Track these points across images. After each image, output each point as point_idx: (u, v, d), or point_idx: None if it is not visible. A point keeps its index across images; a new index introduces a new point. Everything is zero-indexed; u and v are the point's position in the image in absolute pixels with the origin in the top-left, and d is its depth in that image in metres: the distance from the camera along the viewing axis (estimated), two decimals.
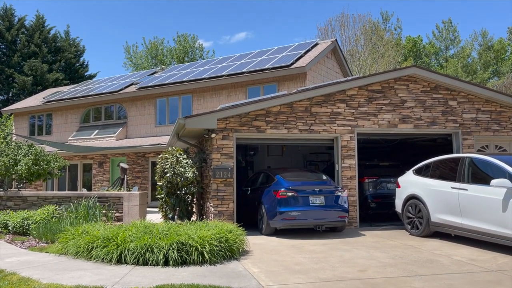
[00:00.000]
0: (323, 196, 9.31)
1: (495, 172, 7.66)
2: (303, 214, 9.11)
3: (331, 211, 9.31)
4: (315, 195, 9.27)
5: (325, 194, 9.35)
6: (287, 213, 9.08)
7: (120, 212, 11.40)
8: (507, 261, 6.87)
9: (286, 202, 9.13)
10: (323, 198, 9.30)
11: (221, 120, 10.10)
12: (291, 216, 9.08)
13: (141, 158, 19.60)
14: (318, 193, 9.29)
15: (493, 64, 40.05)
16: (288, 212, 9.08)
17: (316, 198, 9.26)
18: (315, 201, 9.24)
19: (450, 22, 43.11)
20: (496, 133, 11.50)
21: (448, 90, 11.32)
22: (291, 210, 9.09)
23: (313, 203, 9.21)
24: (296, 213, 9.09)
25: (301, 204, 9.16)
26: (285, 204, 9.12)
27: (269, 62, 17.72)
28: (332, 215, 9.33)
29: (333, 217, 9.34)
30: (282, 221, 9.16)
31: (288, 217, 9.09)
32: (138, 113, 21.23)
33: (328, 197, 9.34)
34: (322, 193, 9.32)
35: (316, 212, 9.19)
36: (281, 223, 9.21)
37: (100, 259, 6.84)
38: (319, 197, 9.28)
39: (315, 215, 9.21)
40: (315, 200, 9.25)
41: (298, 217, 9.09)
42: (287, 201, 9.14)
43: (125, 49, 44.08)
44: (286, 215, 9.10)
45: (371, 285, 5.57)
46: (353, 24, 31.21)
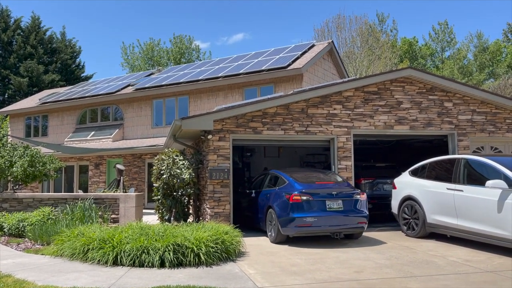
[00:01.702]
0: (341, 200, 8.44)
1: (490, 173, 7.70)
2: (319, 220, 8.24)
3: (350, 217, 8.44)
4: (332, 199, 8.40)
5: (343, 197, 8.49)
6: (301, 219, 8.20)
7: (117, 214, 11.37)
8: (503, 261, 6.90)
9: (300, 207, 8.25)
10: (341, 202, 8.43)
11: (218, 121, 10.10)
12: (306, 222, 8.21)
13: (137, 159, 19.56)
14: (336, 196, 8.45)
15: (489, 66, 40.24)
16: (303, 218, 8.20)
17: (334, 202, 8.40)
18: (332, 205, 8.37)
19: (446, 23, 43.32)
20: (491, 135, 11.55)
21: (443, 92, 11.37)
22: (306, 216, 8.20)
23: (330, 208, 8.35)
24: (312, 219, 8.21)
25: (317, 209, 8.29)
26: (299, 209, 8.24)
27: (265, 64, 17.74)
28: (351, 221, 8.46)
29: (352, 223, 8.47)
30: (296, 228, 8.27)
31: (303, 223, 8.22)
32: (134, 114, 21.20)
33: (346, 201, 8.47)
34: (340, 196, 8.48)
35: (333, 218, 8.32)
36: (294, 230, 8.33)
37: (96, 261, 6.83)
38: (336, 201, 8.42)
39: (333, 221, 8.34)
40: (332, 204, 8.38)
41: (314, 224, 8.23)
42: (301, 206, 8.26)
43: (122, 49, 44.08)
44: (300, 222, 8.22)
45: (367, 286, 5.58)
46: (350, 26, 31.32)
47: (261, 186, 10.09)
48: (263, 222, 9.45)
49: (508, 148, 11.82)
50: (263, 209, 9.38)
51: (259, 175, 10.89)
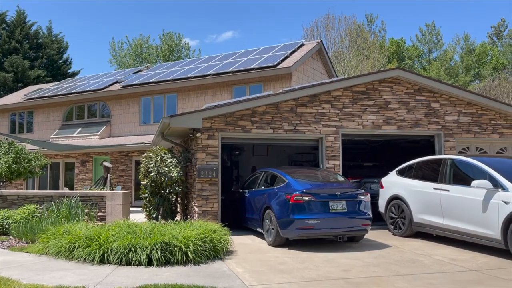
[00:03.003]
0: (345, 201, 8.01)
1: (476, 173, 7.80)
2: (322, 222, 7.78)
3: (354, 219, 8.04)
4: (335, 200, 7.95)
5: (347, 198, 8.06)
6: (303, 221, 7.73)
7: (103, 212, 11.26)
8: (487, 260, 7.00)
9: (301, 208, 7.79)
10: (345, 203, 7.99)
11: (207, 120, 10.06)
12: (308, 224, 7.74)
13: (124, 157, 19.39)
14: (339, 197, 8.00)
15: (475, 68, 40.81)
16: (305, 220, 7.72)
17: (337, 203, 7.95)
18: (335, 206, 7.92)
19: (433, 25, 43.80)
20: (477, 135, 11.71)
21: (431, 92, 11.49)
22: (309, 218, 7.73)
23: (333, 209, 7.89)
24: (314, 221, 7.74)
25: (319, 211, 7.83)
26: (301, 210, 7.78)
27: (255, 62, 17.73)
28: (355, 223, 8.06)
29: (356, 225, 8.07)
30: (297, 230, 7.81)
31: (305, 226, 7.75)
32: (122, 111, 21.02)
33: (350, 202, 8.05)
34: (344, 197, 8.04)
35: (337, 219, 7.90)
36: (296, 233, 7.88)
37: (82, 259, 6.74)
38: (340, 202, 7.97)
39: (336, 224, 7.90)
40: (335, 205, 7.93)
41: (317, 226, 7.76)
42: (303, 207, 7.79)
43: (111, 46, 43.62)
44: (302, 224, 7.74)
45: (355, 285, 5.61)
46: (339, 26, 31.46)
47: (256, 185, 9.71)
48: (258, 223, 9.04)
49: (493, 149, 12.00)
50: (260, 210, 8.93)
51: (254, 174, 10.46)
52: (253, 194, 9.63)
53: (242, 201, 10.13)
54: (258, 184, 9.63)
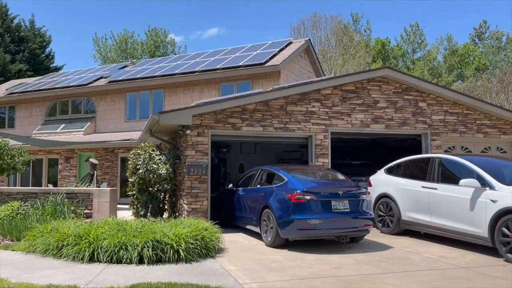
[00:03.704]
0: (347, 200, 7.77)
1: (463, 172, 7.93)
2: (324, 222, 7.51)
3: (357, 219, 7.81)
4: (338, 199, 7.70)
5: (349, 197, 7.82)
6: (305, 221, 7.44)
7: (90, 209, 11.09)
8: (475, 258, 7.13)
9: (303, 207, 7.50)
10: (347, 202, 7.75)
11: (197, 117, 10.00)
12: (310, 225, 7.45)
13: (110, 153, 19.15)
14: (342, 196, 7.76)
15: (458, 68, 41.51)
16: (307, 220, 7.44)
17: (340, 203, 7.70)
18: (338, 206, 7.67)
19: (417, 25, 44.39)
20: (462, 135, 11.90)
21: (418, 92, 11.63)
22: (311, 218, 7.45)
23: (335, 208, 7.64)
24: (317, 221, 7.46)
25: (321, 210, 7.57)
26: (303, 210, 7.50)
27: (243, 59, 17.68)
28: (357, 223, 7.82)
29: (358, 225, 7.84)
30: (298, 231, 7.51)
31: (307, 226, 7.46)
32: (107, 107, 20.73)
33: (352, 201, 7.82)
34: (346, 196, 7.80)
35: (339, 219, 7.65)
36: (297, 234, 7.58)
37: (71, 257, 6.64)
38: (342, 201, 7.73)
39: (339, 224, 7.66)
40: (338, 205, 7.68)
41: (319, 227, 7.49)
42: (304, 207, 7.51)
43: (94, 41, 42.94)
44: (304, 224, 7.45)
45: (347, 282, 5.65)
46: (325, 24, 31.60)
47: (252, 183, 9.41)
48: (255, 222, 8.73)
49: (478, 148, 12.23)
50: (257, 209, 8.58)
51: (249, 172, 10.11)
52: (249, 192, 9.34)
53: (235, 199, 9.89)
54: (254, 182, 9.35)
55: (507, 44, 41.18)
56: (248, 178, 9.85)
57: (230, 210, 10.10)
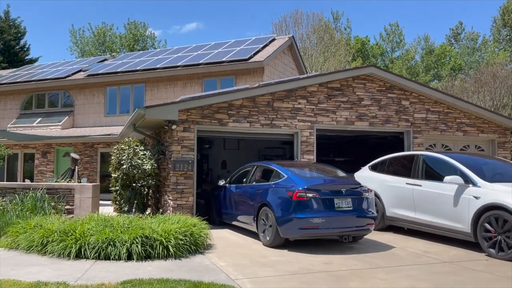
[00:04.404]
0: (350, 198, 7.47)
1: (447, 170, 8.11)
2: (327, 221, 7.20)
3: (360, 218, 7.52)
4: (341, 197, 7.41)
5: (353, 195, 7.52)
6: (307, 220, 7.12)
7: (71, 205, 10.86)
8: (457, 252, 7.32)
9: (305, 205, 7.18)
10: (350, 200, 7.46)
11: (183, 112, 9.90)
12: (313, 224, 7.14)
13: (89, 148, 18.77)
14: (345, 194, 7.46)
15: (434, 68, 42.39)
16: (309, 219, 7.12)
17: (343, 201, 7.40)
18: (341, 204, 7.37)
19: (397, 25, 45.10)
20: (443, 133, 12.17)
21: (402, 90, 11.82)
22: (313, 217, 7.13)
23: (339, 207, 7.34)
24: (319, 220, 7.15)
25: (324, 209, 7.26)
26: (305, 208, 7.17)
27: (226, 55, 17.59)
28: (361, 222, 7.53)
29: (361, 224, 7.54)
30: (300, 230, 7.19)
31: (309, 225, 7.14)
32: (86, 101, 20.31)
33: (355, 199, 7.53)
34: (349, 194, 7.50)
35: (342, 218, 7.36)
36: (298, 233, 7.26)
37: (57, 254, 6.51)
38: (345, 199, 7.43)
39: (342, 223, 7.37)
40: (341, 203, 7.38)
41: (322, 226, 7.18)
42: (306, 205, 7.19)
43: (71, 33, 41.93)
44: (306, 223, 7.13)
45: (338, 277, 5.72)
46: (307, 22, 31.74)
47: (248, 180, 9.01)
48: (250, 221, 8.38)
49: (457, 146, 12.53)
50: (253, 207, 8.21)
51: (243, 168, 9.70)
52: (244, 189, 8.94)
53: (227, 196, 9.57)
54: (250, 179, 8.98)
55: (482, 46, 42.28)
56: (242, 175, 9.48)
57: (220, 207, 9.85)
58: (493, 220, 6.99)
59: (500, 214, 6.89)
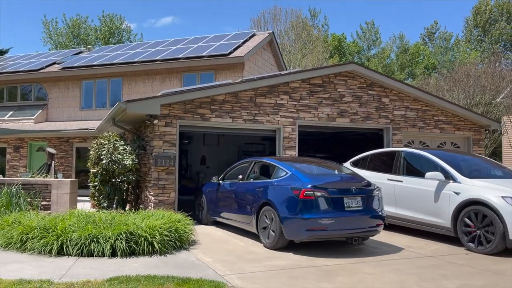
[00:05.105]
0: (360, 197, 6.99)
1: (428, 166, 8.28)
2: (337, 222, 6.69)
3: (370, 218, 7.05)
4: (350, 196, 6.91)
5: (362, 194, 7.05)
6: (315, 221, 6.60)
7: (48, 201, 10.55)
8: (438, 247, 7.49)
9: (313, 205, 6.66)
10: (360, 199, 6.97)
11: (165, 106, 9.75)
12: (321, 225, 6.62)
13: (64, 143, 18.29)
14: (355, 193, 6.98)
15: (409, 66, 43.23)
16: (317, 220, 6.60)
17: (352, 200, 6.91)
18: (351, 204, 6.88)
19: (372, 23, 45.72)
20: (421, 130, 12.41)
21: (382, 88, 11.98)
22: (322, 217, 6.62)
23: (348, 206, 6.85)
24: (328, 221, 6.63)
25: (333, 209, 6.74)
26: (313, 208, 6.65)
27: (206, 50, 17.43)
28: (371, 222, 7.06)
29: (371, 225, 7.07)
30: (307, 232, 6.66)
31: (317, 226, 6.62)
32: (60, 95, 19.77)
33: (365, 198, 7.04)
34: (359, 193, 7.01)
35: (352, 219, 6.88)
36: (305, 235, 6.72)
37: (37, 251, 6.31)
38: (355, 198, 6.95)
39: (352, 224, 6.90)
40: (351, 202, 6.89)
41: (331, 227, 6.67)
42: (314, 204, 6.66)
43: (44, 24, 40.68)
44: (314, 224, 6.61)
45: (326, 271, 5.76)
46: (285, 18, 31.79)
47: (245, 177, 8.39)
48: (248, 220, 7.84)
49: (434, 143, 12.82)
50: (253, 206, 7.60)
51: (239, 164, 9.14)
52: (241, 187, 8.32)
53: (219, 194, 9.03)
54: (247, 176, 8.37)
55: (455, 45, 43.35)
56: (237, 171, 8.87)
57: (213, 205, 9.24)
58: (473, 215, 7.18)
59: (480, 209, 7.08)
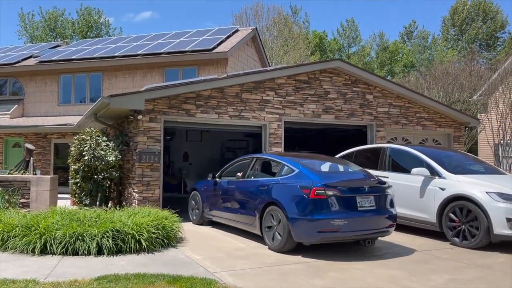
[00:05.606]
0: (373, 196, 6.60)
1: (413, 162, 8.37)
2: (350, 223, 6.27)
3: (382, 218, 6.65)
4: (363, 195, 6.51)
5: (375, 193, 6.65)
6: (327, 222, 6.17)
7: (27, 198, 10.24)
8: (424, 242, 7.59)
9: (325, 205, 6.22)
10: (373, 199, 6.58)
11: (149, 101, 9.57)
12: (334, 226, 6.20)
13: (42, 139, 17.81)
14: (368, 192, 6.58)
15: (388, 64, 43.80)
16: (329, 221, 6.17)
17: (365, 200, 6.52)
18: (364, 203, 6.48)
19: (353, 21, 46.13)
20: (404, 127, 12.56)
21: (366, 85, 12.06)
22: (334, 218, 6.19)
23: (361, 206, 6.45)
24: (341, 221, 6.21)
25: (346, 209, 6.33)
26: (324, 208, 6.22)
27: (189, 45, 17.22)
28: (383, 223, 6.67)
29: (384, 225, 6.69)
30: (319, 234, 6.23)
31: (330, 228, 6.19)
32: (38, 89, 19.23)
33: (377, 197, 6.65)
34: (371, 191, 6.62)
35: (366, 219, 6.48)
36: (317, 237, 6.29)
37: (20, 250, 6.12)
38: (368, 197, 6.55)
39: (365, 224, 6.51)
40: (363, 202, 6.49)
41: (344, 228, 6.24)
42: (326, 204, 6.23)
43: (20, 16, 39.53)
44: (326, 225, 6.18)
45: (316, 268, 5.76)
46: (267, 14, 31.73)
47: (246, 174, 7.97)
48: (250, 221, 7.37)
49: (417, 140, 12.98)
50: (256, 206, 7.14)
51: (239, 160, 8.71)
52: (242, 185, 7.85)
53: (215, 192, 8.60)
54: (248, 174, 7.94)
55: (432, 44, 44.14)
56: (236, 168, 8.46)
57: (210, 204, 8.79)
58: (458, 210, 7.30)
59: (465, 204, 7.20)
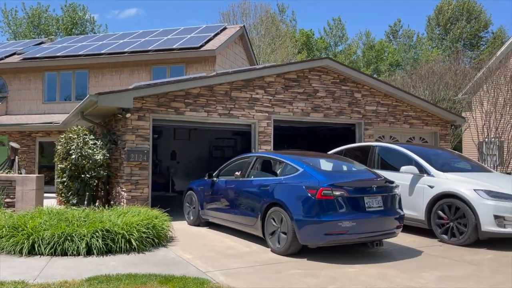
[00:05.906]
0: (380, 196, 6.36)
1: (402, 160, 8.44)
2: (358, 224, 6.02)
3: (390, 219, 6.43)
4: (371, 196, 6.27)
5: (383, 193, 6.41)
6: (335, 224, 5.92)
7: (12, 198, 10.04)
8: (413, 239, 7.66)
9: (332, 206, 5.97)
10: (381, 199, 6.35)
11: (137, 99, 9.46)
12: (342, 228, 5.94)
13: (26, 137, 17.51)
14: (376, 192, 6.34)
15: (374, 63, 44.14)
16: (337, 223, 5.91)
17: (373, 200, 6.28)
18: (372, 204, 6.25)
19: (339, 19, 46.34)
20: (391, 125, 12.66)
21: (354, 83, 12.12)
22: (342, 219, 5.94)
23: (369, 207, 6.21)
24: (349, 223, 5.95)
25: (354, 210, 6.09)
26: (331, 209, 5.96)
27: (177, 42, 17.09)
28: (391, 224, 6.44)
29: (392, 227, 6.46)
30: (326, 236, 5.97)
31: (337, 230, 5.94)
32: (22, 87, 18.88)
33: (385, 197, 6.43)
34: (379, 192, 6.37)
35: (374, 221, 6.24)
36: (323, 239, 6.03)
37: (6, 250, 6.00)
38: (376, 198, 6.31)
39: (373, 226, 6.26)
40: (372, 202, 6.25)
41: (352, 230, 5.99)
42: (333, 205, 5.97)
43: (3, 12, 38.73)
44: (333, 227, 5.92)
45: (310, 266, 5.77)
46: (255, 12, 31.68)
47: (246, 174, 7.64)
48: (251, 223, 7.05)
49: (404, 138, 13.10)
50: (258, 207, 6.84)
51: (238, 158, 8.42)
52: (242, 185, 7.51)
53: (216, 192, 8.26)
54: (248, 173, 7.64)
55: (417, 43, 44.62)
56: (235, 167, 8.21)
57: (207, 205, 8.47)
58: (446, 208, 7.39)
59: (453, 202, 7.29)
